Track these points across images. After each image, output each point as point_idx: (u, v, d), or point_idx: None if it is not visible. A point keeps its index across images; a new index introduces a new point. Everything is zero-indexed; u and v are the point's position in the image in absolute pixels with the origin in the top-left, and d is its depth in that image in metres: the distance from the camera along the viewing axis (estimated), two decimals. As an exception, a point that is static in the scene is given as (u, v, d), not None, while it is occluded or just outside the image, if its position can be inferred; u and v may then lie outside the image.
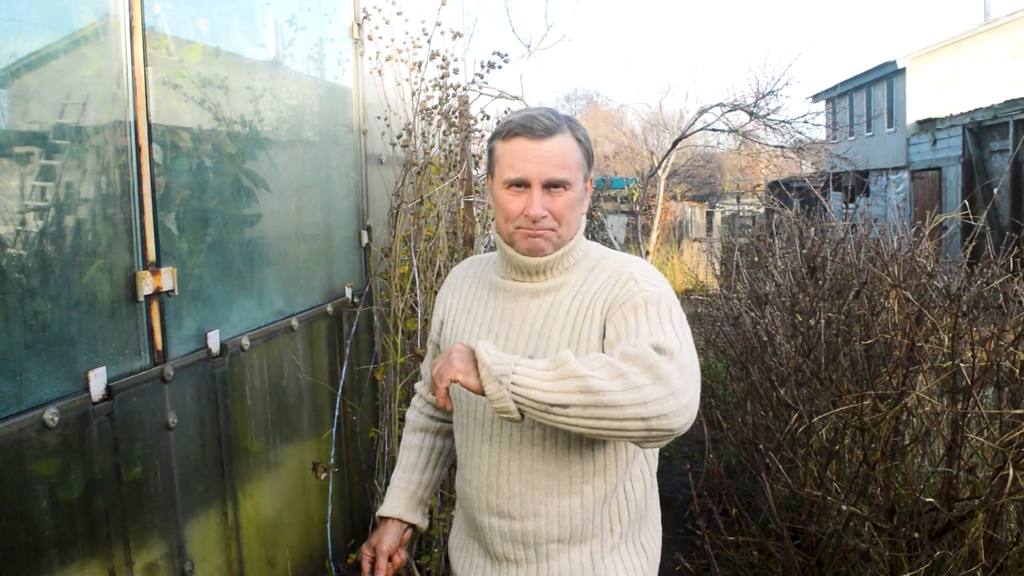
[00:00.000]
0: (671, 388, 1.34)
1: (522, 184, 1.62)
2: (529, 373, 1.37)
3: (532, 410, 1.37)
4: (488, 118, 4.25)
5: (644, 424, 1.33)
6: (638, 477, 1.72)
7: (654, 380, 1.34)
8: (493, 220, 4.24)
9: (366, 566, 1.87)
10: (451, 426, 1.96)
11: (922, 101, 21.00)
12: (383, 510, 1.93)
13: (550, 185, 1.61)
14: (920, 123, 19.94)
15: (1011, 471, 2.47)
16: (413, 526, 1.94)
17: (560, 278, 1.69)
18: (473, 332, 1.74)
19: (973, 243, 3.78)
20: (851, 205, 18.28)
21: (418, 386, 2.08)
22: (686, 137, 15.81)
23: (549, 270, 1.68)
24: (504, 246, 1.70)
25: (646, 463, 1.75)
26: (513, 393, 1.37)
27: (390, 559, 1.87)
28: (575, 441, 1.62)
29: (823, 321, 3.32)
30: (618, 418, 1.33)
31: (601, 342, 1.59)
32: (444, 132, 3.91)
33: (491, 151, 1.70)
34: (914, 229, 4.15)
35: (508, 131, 1.64)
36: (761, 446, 3.28)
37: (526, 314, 1.69)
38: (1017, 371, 2.80)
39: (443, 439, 2.01)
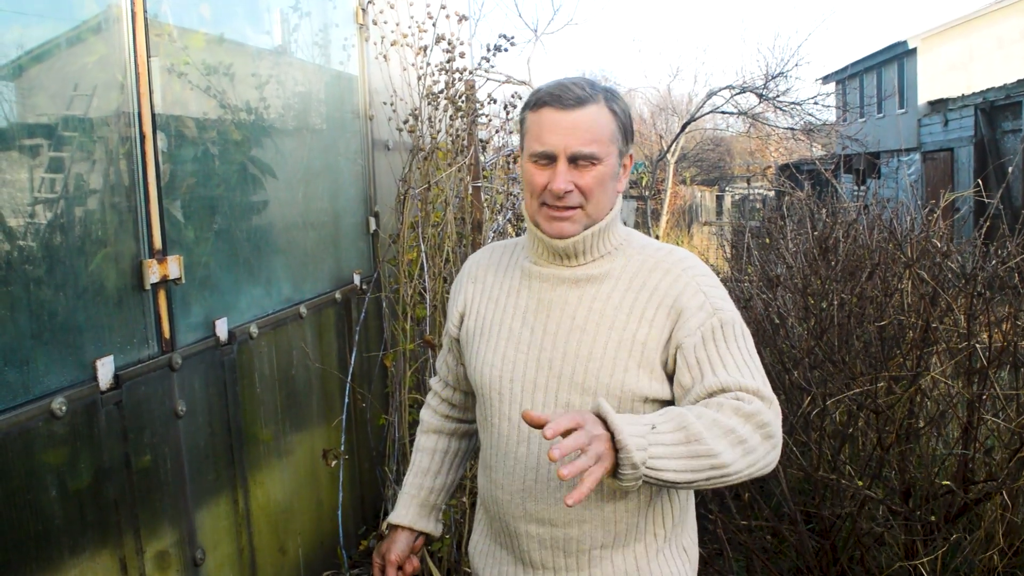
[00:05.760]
0: (776, 442, 1.34)
1: (548, 157, 1.50)
2: (663, 452, 1.22)
3: (654, 484, 1.25)
4: (495, 102, 4.22)
5: (749, 478, 1.33)
6: None
7: (765, 438, 1.33)
8: (502, 206, 4.24)
9: (377, 573, 1.80)
10: (468, 427, 1.89)
11: (934, 82, 20.82)
12: (392, 518, 1.84)
13: (577, 158, 1.48)
14: (932, 104, 19.79)
15: (1028, 452, 2.45)
16: (425, 534, 1.85)
17: (602, 265, 1.57)
18: (504, 323, 1.62)
19: (987, 223, 3.73)
20: (862, 187, 18.17)
21: (433, 382, 1.93)
22: (695, 120, 15.74)
23: (584, 253, 1.56)
24: (531, 227, 1.59)
25: None
26: (646, 476, 1.22)
27: (400, 568, 1.79)
28: None
29: (836, 303, 3.29)
30: (733, 481, 1.31)
31: (662, 349, 1.49)
32: (451, 117, 3.88)
33: (521, 122, 1.58)
34: (927, 209, 4.11)
35: (537, 100, 1.52)
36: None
37: (565, 305, 1.56)
38: (1033, 351, 2.77)
39: (459, 440, 1.89)
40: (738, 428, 1.31)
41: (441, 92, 3.89)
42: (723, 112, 16.39)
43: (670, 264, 1.55)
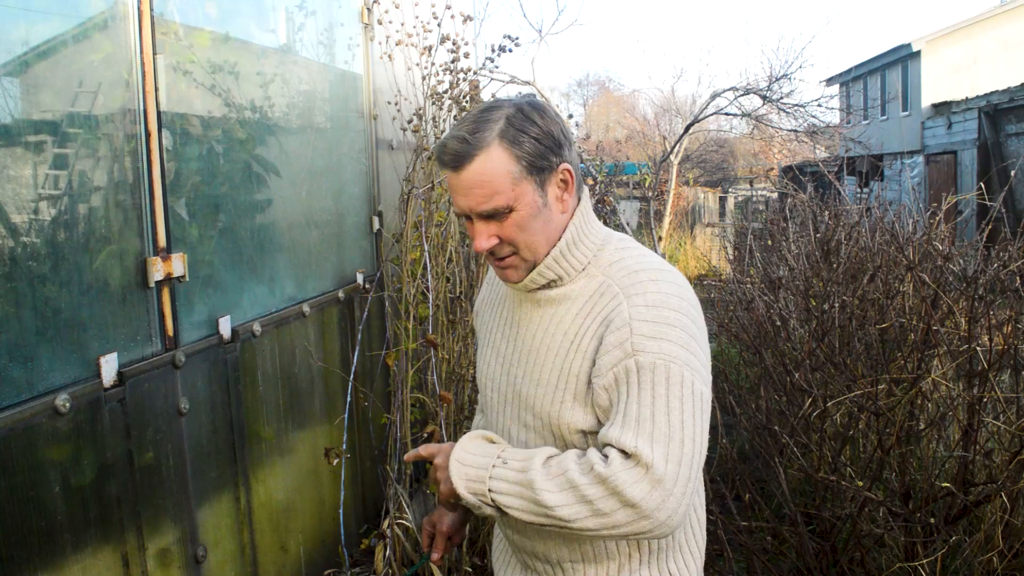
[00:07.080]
0: (642, 511, 1.27)
1: (466, 216, 1.46)
2: (504, 488, 1.36)
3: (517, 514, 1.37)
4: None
5: (623, 537, 1.31)
6: None
7: (622, 505, 1.27)
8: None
9: (426, 540, 1.86)
10: None
11: (937, 84, 20.81)
12: None
13: (485, 216, 1.42)
14: (935, 106, 19.77)
15: (1028, 455, 2.45)
16: None
17: (565, 287, 1.51)
18: (493, 333, 1.66)
19: (989, 226, 3.73)
20: (865, 189, 18.17)
21: None
22: (699, 122, 15.70)
23: (544, 281, 1.51)
24: None
25: None
26: (494, 503, 1.37)
27: (449, 538, 1.84)
28: None
29: (837, 305, 3.29)
30: (594, 535, 1.32)
31: (591, 383, 1.44)
32: (455, 117, 3.89)
33: None
34: (929, 212, 4.11)
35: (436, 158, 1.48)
36: (776, 427, 3.26)
37: (529, 323, 1.55)
38: (1035, 355, 2.77)
39: None
40: (585, 488, 1.28)
41: (445, 92, 3.90)
42: (727, 114, 16.37)
43: (619, 289, 1.44)
